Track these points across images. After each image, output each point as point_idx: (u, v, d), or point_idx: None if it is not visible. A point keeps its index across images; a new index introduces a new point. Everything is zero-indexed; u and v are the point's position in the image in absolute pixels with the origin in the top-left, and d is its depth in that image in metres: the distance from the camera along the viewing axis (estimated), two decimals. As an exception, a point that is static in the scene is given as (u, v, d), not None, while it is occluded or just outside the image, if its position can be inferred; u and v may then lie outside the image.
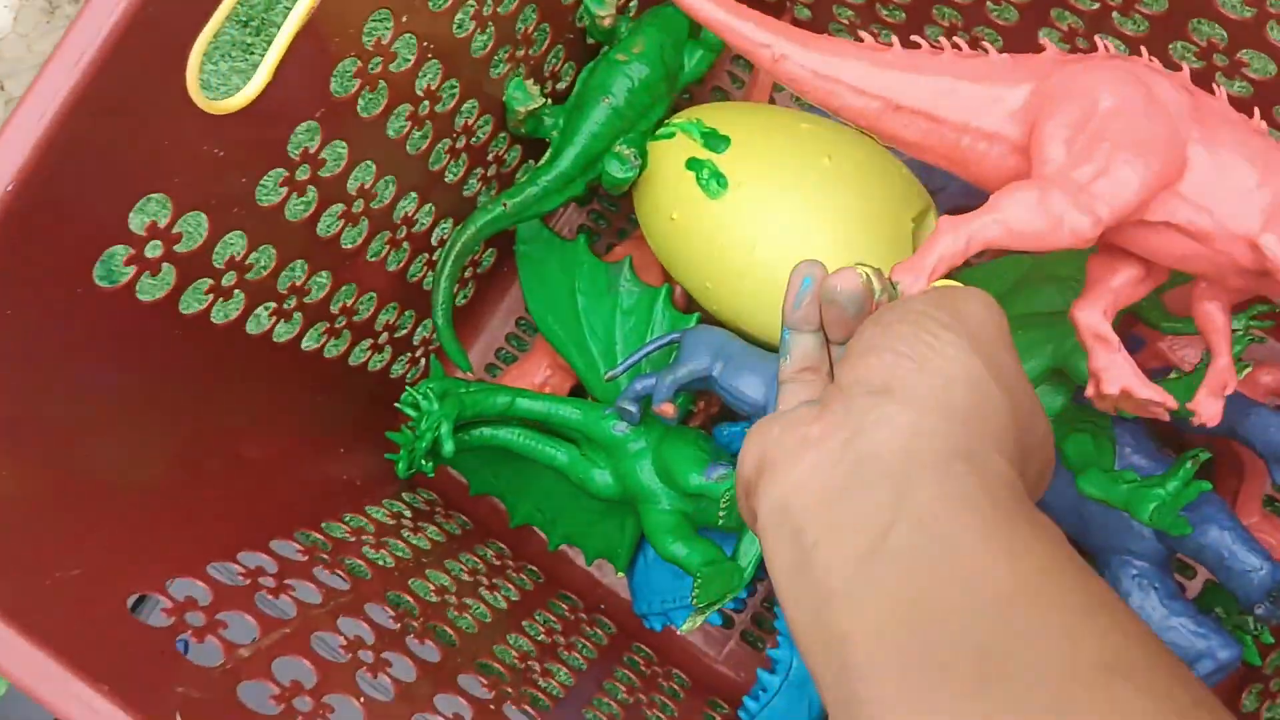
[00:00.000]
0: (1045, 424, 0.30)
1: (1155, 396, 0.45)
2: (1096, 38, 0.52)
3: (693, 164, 0.61)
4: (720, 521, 0.59)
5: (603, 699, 0.60)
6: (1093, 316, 0.46)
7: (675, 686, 0.67)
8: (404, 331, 0.69)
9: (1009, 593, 0.23)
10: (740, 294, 0.59)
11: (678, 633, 0.60)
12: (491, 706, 0.52)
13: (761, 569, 0.63)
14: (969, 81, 0.46)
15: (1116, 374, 0.45)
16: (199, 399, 0.52)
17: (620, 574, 0.70)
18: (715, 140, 0.61)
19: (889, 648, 0.23)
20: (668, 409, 0.58)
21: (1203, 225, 0.42)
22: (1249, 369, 0.47)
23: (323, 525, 0.57)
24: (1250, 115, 0.44)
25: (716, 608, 0.59)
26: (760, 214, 0.58)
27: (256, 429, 0.57)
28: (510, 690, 0.54)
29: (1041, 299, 0.55)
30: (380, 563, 0.57)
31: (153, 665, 0.41)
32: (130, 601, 0.43)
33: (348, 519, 0.60)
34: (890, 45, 0.47)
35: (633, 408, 0.61)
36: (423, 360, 0.72)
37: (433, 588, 0.59)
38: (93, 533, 0.44)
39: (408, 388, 0.62)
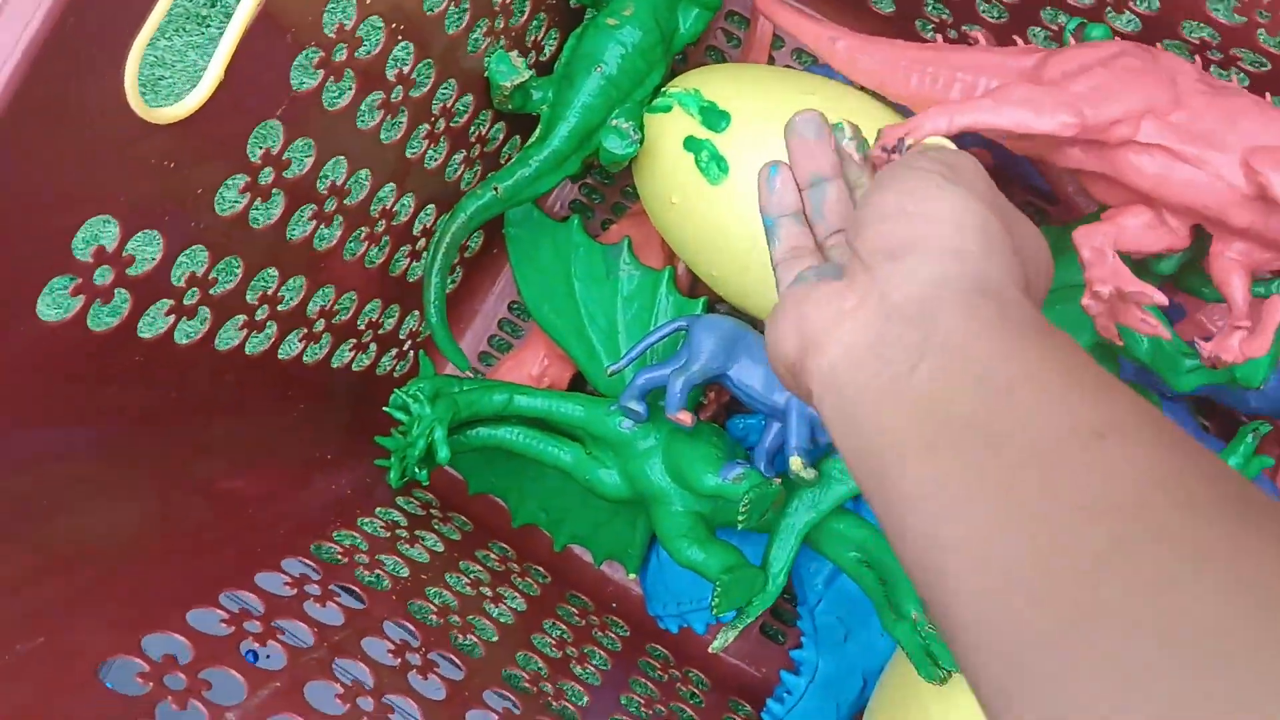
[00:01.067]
0: (1037, 234, 0.33)
1: (1145, 289, 0.47)
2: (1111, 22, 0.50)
3: (691, 144, 0.56)
4: (740, 524, 0.55)
5: (621, 717, 0.56)
6: (1094, 237, 0.48)
7: (694, 689, 0.64)
8: (388, 327, 0.64)
9: (1015, 382, 0.26)
10: (746, 286, 0.55)
11: (710, 650, 0.56)
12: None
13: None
14: (987, 53, 0.51)
15: (1109, 275, 0.47)
16: (167, 431, 0.48)
17: (632, 575, 0.66)
18: (715, 117, 0.55)
19: (910, 433, 0.27)
20: (685, 417, 0.54)
21: (1193, 150, 0.44)
22: None
23: (312, 548, 0.53)
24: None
25: (749, 619, 0.55)
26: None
27: (233, 451, 0.53)
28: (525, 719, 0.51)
29: (1076, 266, 0.51)
30: (376, 586, 0.54)
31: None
32: (106, 668, 0.39)
33: (339, 536, 0.56)
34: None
35: (638, 405, 0.56)
36: (410, 354, 0.68)
37: (434, 609, 0.55)
38: (58, 595, 0.40)
39: (396, 390, 0.58)
